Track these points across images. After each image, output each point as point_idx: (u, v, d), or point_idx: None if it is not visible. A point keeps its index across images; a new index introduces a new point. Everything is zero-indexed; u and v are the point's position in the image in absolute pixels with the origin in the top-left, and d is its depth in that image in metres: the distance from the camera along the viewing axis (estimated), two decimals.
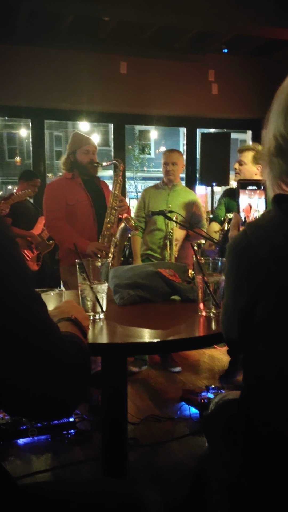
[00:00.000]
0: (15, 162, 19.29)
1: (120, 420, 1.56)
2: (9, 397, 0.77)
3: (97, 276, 1.45)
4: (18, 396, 0.77)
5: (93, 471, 2.31)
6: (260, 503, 0.89)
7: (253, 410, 0.95)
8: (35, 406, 0.79)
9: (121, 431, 1.58)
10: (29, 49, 5.28)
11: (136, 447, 2.54)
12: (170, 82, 5.82)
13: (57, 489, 1.01)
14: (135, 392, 3.25)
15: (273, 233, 0.88)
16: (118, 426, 1.58)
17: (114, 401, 1.57)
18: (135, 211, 3.77)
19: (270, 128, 0.95)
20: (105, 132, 16.86)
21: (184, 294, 1.73)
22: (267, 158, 0.96)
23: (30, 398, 0.77)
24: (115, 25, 5.03)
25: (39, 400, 0.77)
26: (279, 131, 0.91)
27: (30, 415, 0.84)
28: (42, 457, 2.45)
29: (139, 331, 1.39)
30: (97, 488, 1.02)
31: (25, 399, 0.77)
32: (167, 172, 3.63)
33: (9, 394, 0.76)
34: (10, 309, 0.75)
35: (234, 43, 5.71)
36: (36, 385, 0.76)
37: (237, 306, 0.95)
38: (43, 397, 0.77)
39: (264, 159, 0.97)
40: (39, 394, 0.77)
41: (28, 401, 0.77)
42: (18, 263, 0.79)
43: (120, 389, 1.55)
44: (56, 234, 3.11)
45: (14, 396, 0.77)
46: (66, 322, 1.01)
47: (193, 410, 2.93)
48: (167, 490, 2.14)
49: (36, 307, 0.80)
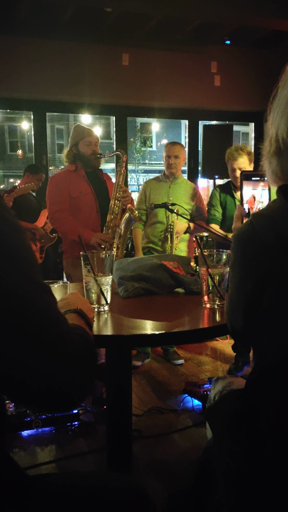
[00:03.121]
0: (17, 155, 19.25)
1: (124, 412, 1.56)
2: (15, 387, 0.77)
3: (101, 268, 1.45)
4: (24, 386, 0.77)
5: (97, 463, 2.33)
6: (266, 493, 0.90)
7: (259, 400, 0.96)
8: (42, 397, 0.78)
9: (125, 423, 1.59)
10: (30, 41, 5.25)
11: (140, 438, 2.55)
12: (172, 74, 5.79)
13: (62, 481, 1.01)
14: (138, 384, 3.26)
15: (278, 222, 0.88)
16: (123, 418, 1.59)
17: (119, 393, 1.58)
18: (136, 204, 3.76)
19: (272, 124, 0.95)
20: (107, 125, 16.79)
21: (188, 286, 1.73)
22: (267, 154, 0.96)
23: (37, 389, 0.77)
24: (117, 16, 5.00)
25: (46, 391, 0.77)
26: (281, 132, 0.92)
27: (37, 406, 0.85)
28: (46, 449, 2.47)
29: (143, 323, 1.39)
30: (102, 481, 1.03)
31: (31, 390, 0.77)
32: (169, 165, 3.62)
33: (15, 385, 0.76)
34: (9, 298, 0.74)
35: (237, 35, 5.67)
36: (42, 375, 0.76)
37: (242, 295, 0.95)
38: (50, 388, 0.77)
39: (265, 154, 0.98)
40: (46, 384, 0.76)
41: (34, 392, 0.77)
42: (21, 251, 0.78)
43: (125, 381, 1.56)
44: (60, 226, 3.11)
45: (20, 387, 0.77)
46: (72, 314, 1.01)
47: (195, 402, 2.94)
48: (171, 481, 2.16)
49: (39, 297, 0.78)
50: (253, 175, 1.42)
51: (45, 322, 0.77)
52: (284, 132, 0.92)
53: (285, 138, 0.92)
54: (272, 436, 0.90)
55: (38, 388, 0.77)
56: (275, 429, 0.90)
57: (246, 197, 1.41)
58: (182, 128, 20.14)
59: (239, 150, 3.32)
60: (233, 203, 3.45)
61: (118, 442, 1.59)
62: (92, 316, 1.12)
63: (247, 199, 1.42)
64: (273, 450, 0.90)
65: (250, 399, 0.99)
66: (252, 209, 1.40)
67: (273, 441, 0.89)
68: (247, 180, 1.40)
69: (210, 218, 3.52)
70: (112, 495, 1.00)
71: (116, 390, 1.59)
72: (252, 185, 1.41)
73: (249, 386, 1.04)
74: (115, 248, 2.99)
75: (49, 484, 1.00)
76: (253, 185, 1.41)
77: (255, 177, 1.42)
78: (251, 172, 1.43)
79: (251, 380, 1.01)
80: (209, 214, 3.54)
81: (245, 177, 1.41)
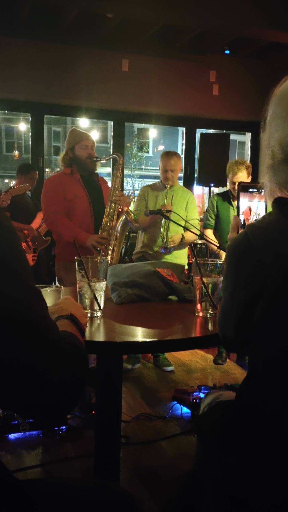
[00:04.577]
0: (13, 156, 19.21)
1: (114, 419, 1.56)
2: (6, 393, 0.77)
3: (95, 273, 1.45)
4: (14, 392, 0.77)
5: (83, 468, 2.31)
6: (256, 505, 0.90)
7: (249, 410, 0.96)
8: (31, 403, 0.78)
9: (114, 430, 1.58)
10: (30, 43, 5.26)
11: (127, 445, 2.54)
12: (171, 81, 5.82)
13: (51, 486, 1.01)
14: (127, 390, 3.25)
15: (276, 237, 0.88)
16: (112, 425, 1.58)
17: (109, 400, 1.57)
18: (135, 207, 3.76)
19: (274, 133, 0.94)
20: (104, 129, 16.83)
21: (181, 294, 1.73)
22: (270, 165, 0.95)
23: (26, 395, 0.77)
24: (118, 23, 5.02)
25: (35, 397, 0.77)
26: (286, 140, 0.91)
27: (28, 413, 0.84)
28: (33, 453, 2.45)
29: (136, 330, 1.39)
30: (90, 487, 1.03)
31: (21, 397, 0.77)
32: (166, 178, 3.63)
33: (6, 391, 0.76)
34: (7, 302, 0.74)
35: (236, 45, 5.72)
36: (31, 381, 0.76)
37: (234, 306, 0.96)
38: (38, 394, 0.77)
39: (265, 165, 0.97)
40: (35, 391, 0.76)
41: (24, 398, 0.77)
42: (16, 256, 0.78)
43: (115, 388, 1.55)
44: (55, 227, 3.10)
45: (10, 393, 0.77)
46: (64, 321, 1.01)
47: (184, 409, 2.94)
48: (157, 489, 2.15)
49: (34, 301, 0.79)
50: (250, 186, 1.43)
51: (37, 328, 0.77)
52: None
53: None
54: (263, 448, 0.90)
55: (27, 394, 0.76)
56: (265, 441, 0.90)
57: (242, 208, 1.42)
58: (179, 135, 20.21)
59: (239, 164, 3.56)
60: (229, 211, 3.67)
61: (106, 450, 1.58)
62: (85, 322, 1.12)
63: (243, 210, 1.43)
64: (264, 461, 0.90)
65: (240, 409, 0.99)
66: (247, 220, 1.41)
67: (264, 453, 0.90)
68: (244, 191, 1.41)
69: (205, 223, 3.78)
70: (99, 502, 0.99)
71: (107, 397, 1.58)
72: (248, 197, 1.42)
73: (240, 395, 1.05)
74: (111, 251, 2.99)
75: (38, 489, 0.99)
76: (250, 197, 1.42)
77: (252, 188, 1.43)
78: (248, 183, 1.44)
79: (242, 391, 1.01)
80: (205, 219, 3.78)
81: (242, 189, 1.42)
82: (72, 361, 0.82)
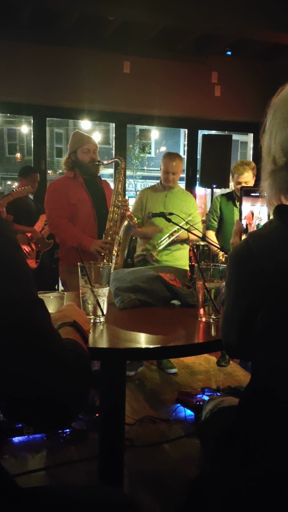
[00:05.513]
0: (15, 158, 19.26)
1: (117, 425, 1.56)
2: (11, 400, 0.77)
3: (98, 279, 1.46)
4: (18, 400, 0.77)
5: (87, 472, 2.32)
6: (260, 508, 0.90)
7: (252, 418, 0.96)
8: (34, 411, 0.79)
9: (118, 433, 1.59)
10: (32, 46, 5.27)
11: (131, 447, 2.55)
12: (173, 83, 5.83)
13: (54, 494, 1.01)
14: (130, 393, 3.26)
15: (277, 245, 0.88)
16: (115, 428, 1.59)
17: (113, 403, 1.58)
18: (132, 211, 3.77)
19: (274, 139, 0.95)
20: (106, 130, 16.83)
21: (184, 299, 1.73)
22: (270, 171, 0.96)
23: (30, 403, 0.77)
24: (120, 25, 5.03)
25: (39, 405, 0.78)
26: (286, 145, 0.91)
27: (31, 422, 0.85)
28: (37, 456, 2.46)
29: (139, 336, 1.39)
30: (94, 494, 1.03)
31: (25, 404, 0.78)
32: (167, 180, 3.63)
33: (12, 398, 0.77)
34: (11, 313, 0.76)
35: (238, 46, 5.72)
36: (35, 390, 0.76)
37: (236, 313, 0.96)
38: (42, 402, 0.78)
39: (266, 170, 0.97)
40: (38, 399, 0.77)
41: (28, 406, 0.78)
42: (20, 268, 0.80)
43: (119, 391, 1.56)
44: (59, 232, 3.11)
45: (14, 401, 0.77)
46: (68, 328, 1.02)
47: (188, 412, 2.94)
48: (161, 492, 2.15)
49: (38, 312, 0.80)
50: (252, 191, 1.43)
51: (40, 338, 0.78)
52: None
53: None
54: (265, 454, 0.90)
55: (30, 404, 0.77)
56: (266, 446, 0.91)
57: (244, 212, 1.42)
58: (181, 136, 20.20)
59: (245, 165, 3.55)
60: (233, 212, 3.67)
61: (110, 453, 1.59)
62: (88, 328, 1.12)
63: (246, 214, 1.43)
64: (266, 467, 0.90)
65: (242, 417, 1.00)
66: (250, 225, 1.41)
67: (267, 458, 0.90)
68: (247, 196, 1.41)
69: (207, 225, 3.75)
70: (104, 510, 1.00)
71: (110, 400, 1.59)
72: (251, 201, 1.42)
73: (242, 403, 1.05)
74: (115, 256, 2.99)
75: (40, 496, 1.00)
76: (252, 201, 1.42)
77: (254, 193, 1.43)
78: (251, 187, 1.44)
79: (245, 398, 1.01)
80: (207, 221, 3.76)
81: (244, 193, 1.42)
82: (76, 370, 0.83)
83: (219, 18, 4.46)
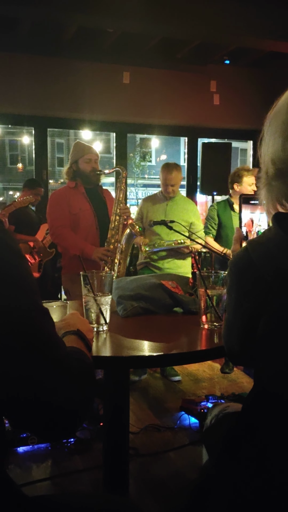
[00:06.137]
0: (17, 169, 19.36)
1: (122, 430, 1.57)
2: (16, 408, 0.79)
3: (101, 287, 1.47)
4: (24, 408, 0.78)
5: (92, 481, 2.31)
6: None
7: (254, 423, 0.97)
8: (39, 419, 0.80)
9: (122, 443, 1.59)
10: (32, 58, 5.33)
11: (136, 456, 2.54)
12: (172, 92, 5.87)
13: (59, 503, 1.02)
14: (134, 401, 3.25)
15: (276, 253, 0.90)
16: (120, 437, 1.59)
17: (117, 412, 1.58)
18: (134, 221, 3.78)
19: (266, 150, 0.97)
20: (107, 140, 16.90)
21: (187, 306, 1.75)
22: (265, 181, 0.97)
23: (35, 411, 0.78)
24: (119, 36, 5.08)
25: (44, 413, 0.79)
26: (277, 155, 0.93)
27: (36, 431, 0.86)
28: (42, 466, 2.46)
29: (142, 344, 1.41)
30: (100, 503, 1.03)
31: (30, 412, 0.79)
32: (167, 191, 3.65)
33: (17, 406, 0.78)
34: (19, 321, 0.77)
35: (236, 55, 5.77)
36: (40, 398, 0.77)
37: (238, 320, 0.97)
38: (47, 410, 0.78)
39: (262, 181, 0.99)
40: (43, 407, 0.78)
41: (33, 413, 0.79)
42: (25, 277, 0.81)
43: (123, 401, 1.56)
44: (61, 241, 3.13)
45: (20, 409, 0.79)
46: (71, 336, 1.03)
47: (192, 420, 2.94)
48: (167, 501, 2.15)
49: (44, 321, 0.82)
50: (251, 198, 1.44)
51: (45, 346, 0.80)
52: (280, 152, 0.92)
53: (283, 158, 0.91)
54: (270, 461, 0.91)
55: (35, 412, 0.78)
56: (271, 451, 0.91)
57: (244, 220, 1.43)
58: (181, 145, 20.26)
59: (247, 170, 3.67)
60: (231, 217, 3.73)
61: (115, 462, 1.59)
62: (91, 337, 1.14)
63: (246, 222, 1.44)
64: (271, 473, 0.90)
65: (246, 422, 1.00)
66: (250, 232, 1.43)
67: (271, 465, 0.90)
68: (246, 203, 1.42)
69: (206, 231, 3.80)
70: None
71: (114, 409, 1.59)
72: (250, 209, 1.43)
73: (245, 408, 1.06)
74: (117, 264, 3.01)
75: (47, 504, 1.00)
76: (252, 209, 1.43)
77: (253, 200, 1.44)
78: (250, 195, 1.45)
79: (248, 404, 1.02)
80: (206, 228, 3.81)
81: (244, 201, 1.43)
82: (80, 378, 0.84)
83: (216, 27, 4.51)
